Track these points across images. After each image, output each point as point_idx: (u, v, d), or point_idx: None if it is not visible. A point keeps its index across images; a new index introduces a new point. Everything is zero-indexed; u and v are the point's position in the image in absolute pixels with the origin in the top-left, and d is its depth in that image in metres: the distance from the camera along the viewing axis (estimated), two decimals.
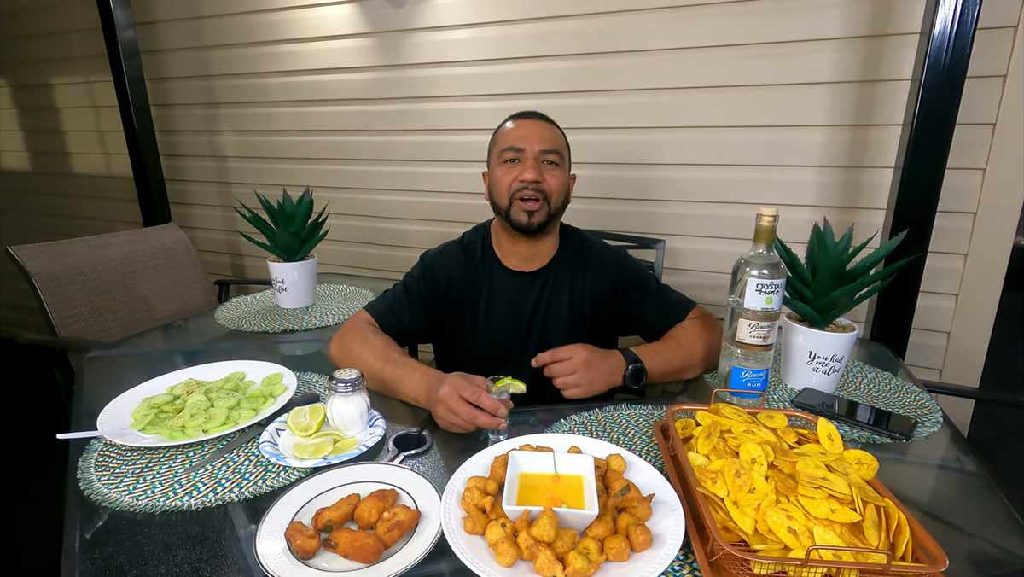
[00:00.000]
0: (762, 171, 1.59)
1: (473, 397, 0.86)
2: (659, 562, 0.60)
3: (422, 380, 0.96)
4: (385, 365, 1.02)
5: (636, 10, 1.60)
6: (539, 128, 1.13)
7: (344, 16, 1.96)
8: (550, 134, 1.14)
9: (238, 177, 2.40)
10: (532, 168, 1.10)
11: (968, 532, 0.71)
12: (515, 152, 1.11)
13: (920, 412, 0.97)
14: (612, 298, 1.22)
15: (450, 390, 0.87)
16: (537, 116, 1.17)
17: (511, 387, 0.92)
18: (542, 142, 1.12)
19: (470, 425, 0.87)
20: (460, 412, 0.86)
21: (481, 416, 0.85)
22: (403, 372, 0.99)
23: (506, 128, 1.15)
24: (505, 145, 1.12)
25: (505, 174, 1.12)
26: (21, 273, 1.57)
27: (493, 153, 1.17)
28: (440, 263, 1.21)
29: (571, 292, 1.21)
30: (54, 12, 2.52)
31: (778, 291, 0.92)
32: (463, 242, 1.25)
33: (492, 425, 0.86)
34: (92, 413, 0.91)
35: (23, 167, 3.00)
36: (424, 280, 1.20)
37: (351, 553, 0.62)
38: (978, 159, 1.39)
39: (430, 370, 0.98)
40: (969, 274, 1.47)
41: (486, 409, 0.85)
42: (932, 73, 1.21)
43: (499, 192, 1.14)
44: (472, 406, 0.86)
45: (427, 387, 0.94)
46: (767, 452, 0.69)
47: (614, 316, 1.24)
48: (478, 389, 0.86)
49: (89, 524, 0.70)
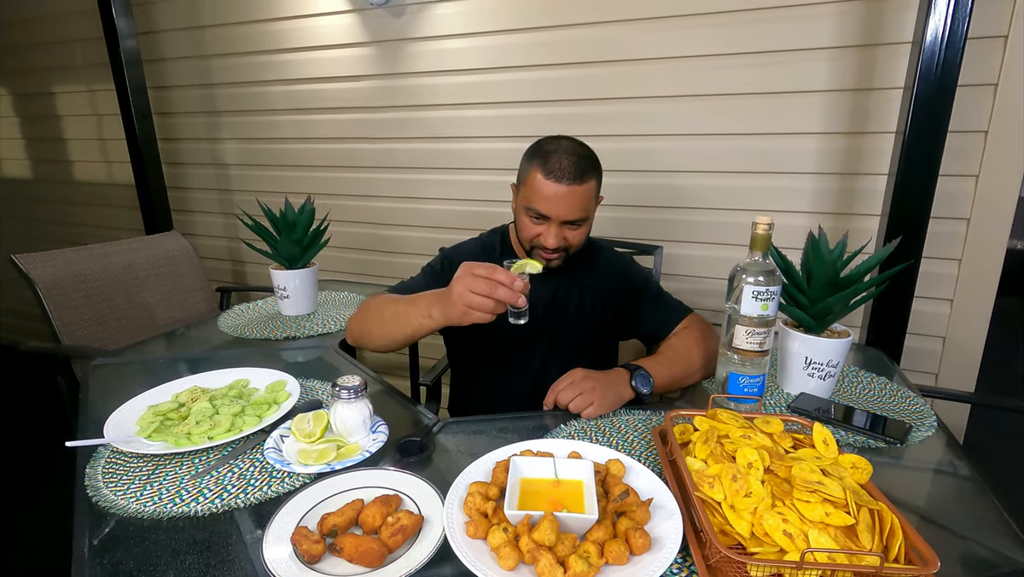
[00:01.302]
0: (758, 178, 1.61)
1: (488, 272, 0.86)
2: (658, 565, 0.61)
3: (432, 295, 0.98)
4: (397, 302, 1.05)
5: (633, 20, 1.62)
6: (572, 196, 1.06)
7: (344, 25, 1.99)
8: (580, 200, 1.07)
9: (239, 185, 2.41)
10: (555, 236, 1.10)
11: (960, 535, 0.72)
12: (540, 216, 1.09)
13: (914, 417, 0.98)
14: (617, 299, 1.25)
15: (465, 270, 0.88)
16: (572, 173, 1.05)
17: (527, 266, 0.93)
18: (569, 213, 1.08)
19: (489, 300, 0.86)
20: (477, 286, 0.85)
21: (500, 288, 0.85)
22: (415, 298, 1.01)
23: (539, 183, 1.07)
24: (532, 204, 1.09)
25: (529, 226, 1.12)
26: (24, 281, 1.58)
27: (521, 192, 1.13)
28: (459, 254, 1.24)
29: (581, 290, 1.24)
30: (57, 21, 2.54)
31: (774, 298, 0.93)
32: (481, 240, 1.29)
33: (511, 298, 0.85)
34: (98, 421, 0.93)
35: (26, 175, 3.01)
36: (444, 268, 1.23)
37: (356, 557, 0.63)
38: (971, 166, 1.41)
39: (438, 289, 0.99)
40: (963, 279, 1.49)
41: (503, 283, 0.85)
42: (924, 82, 1.23)
43: (521, 232, 1.15)
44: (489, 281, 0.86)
45: (437, 295, 0.95)
46: (763, 457, 0.70)
47: (617, 317, 1.27)
48: (492, 265, 0.87)
49: (97, 530, 0.71)
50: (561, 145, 1.09)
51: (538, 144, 1.12)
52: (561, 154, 1.06)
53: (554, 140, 1.11)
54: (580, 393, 0.97)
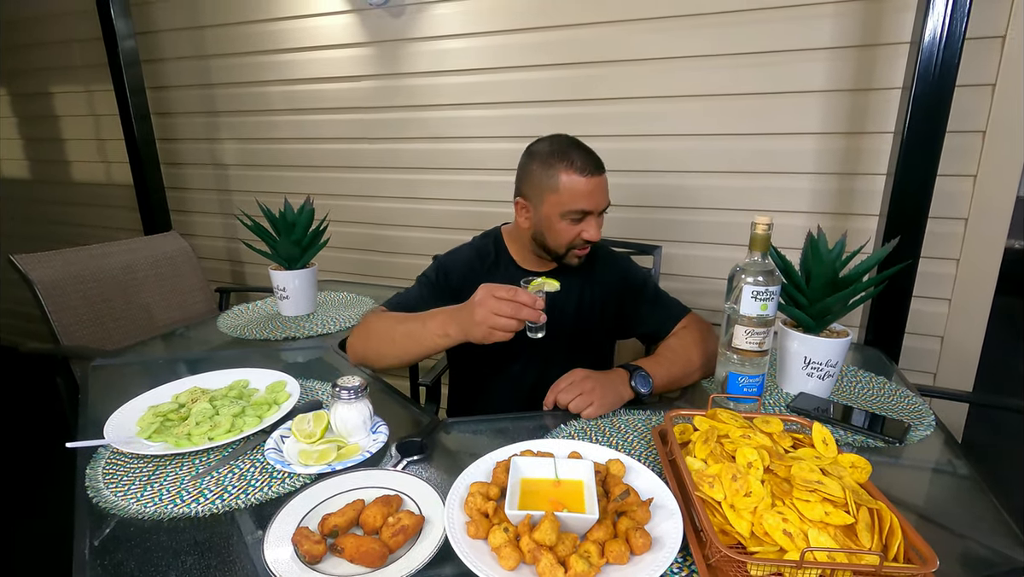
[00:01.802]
0: (757, 178, 1.61)
1: (510, 294, 0.89)
2: (658, 565, 0.61)
3: (446, 314, 0.99)
4: (406, 321, 1.06)
5: (631, 20, 1.62)
6: (602, 185, 1.11)
7: (343, 26, 1.98)
8: (607, 187, 1.13)
9: (238, 185, 2.41)
10: (597, 227, 1.12)
11: (959, 533, 0.72)
12: (583, 213, 1.10)
13: (913, 416, 0.99)
14: (617, 297, 1.26)
15: (486, 293, 0.91)
16: (595, 164, 1.10)
17: (545, 285, 0.96)
18: (606, 201, 1.13)
19: (513, 320, 0.89)
20: (503, 308, 0.89)
21: (523, 308, 0.89)
22: (426, 317, 1.02)
23: (576, 183, 1.07)
24: (575, 206, 1.08)
25: (568, 229, 1.11)
26: (23, 281, 1.58)
27: (551, 200, 1.10)
28: (454, 262, 1.24)
29: (581, 290, 1.24)
30: (55, 22, 2.54)
31: (773, 298, 0.94)
32: (474, 245, 1.28)
33: (534, 316, 0.89)
34: (98, 422, 0.93)
35: (24, 176, 3.01)
36: (439, 278, 1.23)
37: (357, 558, 0.63)
38: (969, 166, 1.42)
39: (451, 306, 1.00)
40: (962, 278, 1.49)
41: (527, 304, 0.89)
42: (922, 82, 1.23)
43: (557, 241, 1.14)
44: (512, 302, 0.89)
45: (453, 315, 0.97)
46: (763, 456, 0.70)
47: (616, 317, 1.27)
48: (512, 287, 0.90)
49: (98, 531, 0.71)
50: (566, 142, 1.11)
51: (542, 151, 1.11)
52: (576, 150, 1.09)
53: (554, 141, 1.11)
54: (580, 393, 0.98)
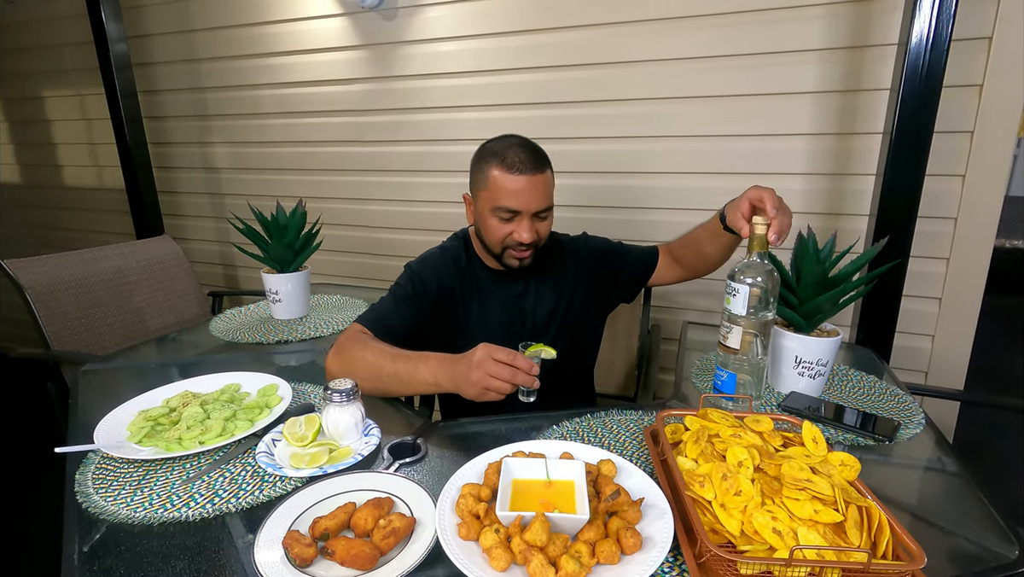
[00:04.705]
0: (748, 179, 1.62)
1: (508, 359, 0.89)
2: (649, 564, 0.61)
3: (439, 362, 0.97)
4: (395, 360, 1.01)
5: (622, 23, 1.63)
6: (536, 185, 1.08)
7: (335, 29, 1.98)
8: (544, 189, 1.10)
9: (230, 188, 2.41)
10: (529, 229, 1.10)
11: (948, 530, 0.73)
12: (511, 212, 1.09)
13: (903, 414, 0.99)
14: (598, 271, 1.28)
15: (485, 354, 0.90)
16: (532, 163, 1.08)
17: (542, 352, 0.97)
18: (538, 203, 1.09)
19: (508, 385, 0.89)
20: (501, 372, 0.88)
21: (520, 374, 0.89)
22: (417, 360, 0.99)
23: (503, 180, 1.07)
24: (501, 203, 1.08)
25: (499, 227, 1.11)
26: (13, 286, 1.57)
27: (483, 196, 1.12)
28: (426, 269, 1.22)
29: (554, 278, 1.26)
30: (46, 26, 2.53)
31: (772, 298, 0.94)
32: (444, 248, 1.27)
33: (528, 382, 0.89)
34: (88, 426, 0.92)
35: (15, 180, 2.99)
36: (413, 286, 1.21)
37: (348, 560, 0.63)
38: (958, 166, 1.43)
39: (443, 354, 0.98)
40: (952, 277, 1.50)
41: (523, 369, 0.89)
42: (910, 83, 1.25)
43: (490, 239, 1.14)
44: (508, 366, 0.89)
45: (446, 366, 0.95)
46: (753, 455, 0.71)
47: (604, 287, 1.30)
48: (511, 351, 0.90)
49: (88, 536, 0.71)
50: (510, 141, 1.11)
51: (485, 147, 1.13)
52: (515, 148, 1.09)
53: (500, 140, 1.13)
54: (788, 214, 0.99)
